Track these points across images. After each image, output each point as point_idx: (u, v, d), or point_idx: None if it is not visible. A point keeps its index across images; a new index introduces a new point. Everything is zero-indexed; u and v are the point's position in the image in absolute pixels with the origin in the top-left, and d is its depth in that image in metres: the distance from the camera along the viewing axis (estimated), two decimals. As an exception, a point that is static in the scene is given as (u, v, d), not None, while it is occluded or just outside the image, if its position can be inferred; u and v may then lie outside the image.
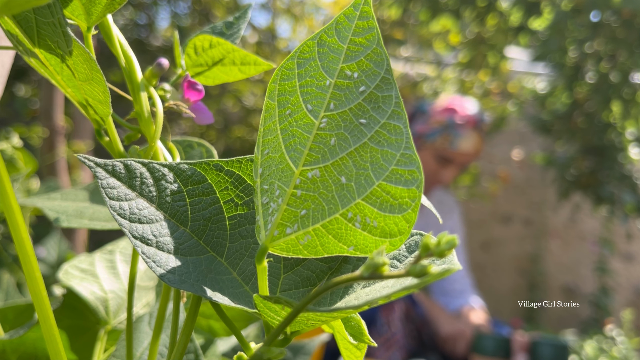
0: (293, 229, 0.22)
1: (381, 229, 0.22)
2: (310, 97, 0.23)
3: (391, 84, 0.22)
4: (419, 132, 1.38)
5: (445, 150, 1.34)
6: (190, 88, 0.30)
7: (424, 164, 1.37)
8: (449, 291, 1.45)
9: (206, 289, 0.23)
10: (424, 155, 1.37)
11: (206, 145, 0.33)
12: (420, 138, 1.37)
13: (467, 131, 1.34)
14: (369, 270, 0.19)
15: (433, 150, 1.35)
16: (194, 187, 0.25)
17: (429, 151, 1.36)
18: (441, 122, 1.35)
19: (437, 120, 1.36)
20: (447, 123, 1.34)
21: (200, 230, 0.25)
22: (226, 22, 0.35)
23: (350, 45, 0.23)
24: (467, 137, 1.34)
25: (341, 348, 0.27)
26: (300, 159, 0.23)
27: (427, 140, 1.36)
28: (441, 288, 1.47)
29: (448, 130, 1.34)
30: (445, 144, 1.34)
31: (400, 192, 0.22)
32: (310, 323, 0.23)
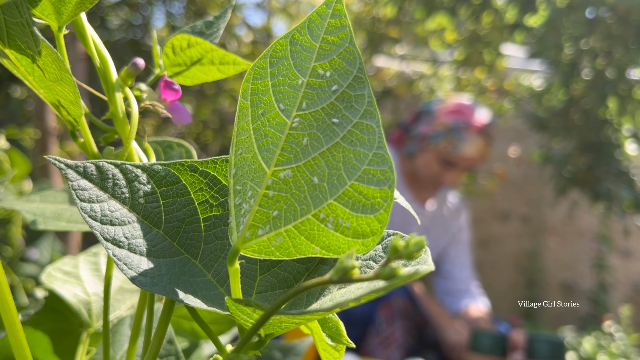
0: (265, 230, 0.22)
1: (353, 230, 0.21)
2: (282, 97, 0.23)
3: (364, 82, 0.22)
4: (423, 133, 1.35)
5: (449, 154, 1.31)
6: (166, 88, 0.30)
7: (428, 166, 1.35)
8: (453, 291, 1.44)
9: (179, 291, 0.23)
10: (428, 157, 1.35)
11: (186, 146, 0.33)
12: (424, 139, 1.35)
13: (472, 135, 1.30)
14: (338, 274, 0.19)
15: (436, 153, 1.32)
16: (168, 188, 0.25)
17: (432, 153, 1.33)
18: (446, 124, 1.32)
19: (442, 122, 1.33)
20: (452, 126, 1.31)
21: (174, 231, 0.25)
22: (206, 22, 0.34)
23: (323, 44, 0.23)
24: (471, 142, 1.30)
25: (319, 349, 0.27)
26: (272, 159, 0.22)
27: (430, 142, 1.33)
28: (446, 288, 1.45)
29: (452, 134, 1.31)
30: (448, 147, 1.30)
31: (372, 192, 0.21)
32: (284, 325, 0.23)
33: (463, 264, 1.47)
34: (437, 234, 1.47)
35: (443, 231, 1.48)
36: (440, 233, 1.47)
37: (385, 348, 1.22)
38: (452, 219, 1.49)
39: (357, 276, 0.19)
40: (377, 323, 1.22)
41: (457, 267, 1.45)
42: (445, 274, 1.47)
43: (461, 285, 1.43)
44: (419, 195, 1.45)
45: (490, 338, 1.20)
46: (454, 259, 1.46)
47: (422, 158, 1.36)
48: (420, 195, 1.46)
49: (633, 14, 1.88)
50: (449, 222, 1.48)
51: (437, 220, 1.47)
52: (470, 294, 1.42)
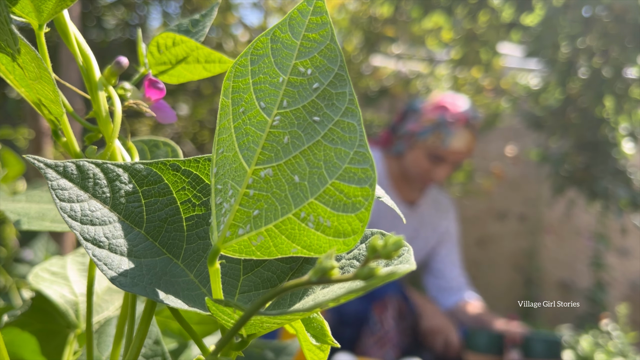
0: (245, 229, 0.22)
1: (335, 229, 0.21)
2: (263, 95, 0.23)
3: (345, 80, 0.22)
4: (410, 131, 1.37)
5: (438, 149, 1.33)
6: (151, 87, 0.29)
7: (417, 163, 1.36)
8: (446, 289, 1.45)
9: (159, 291, 0.23)
10: (417, 154, 1.36)
11: (172, 145, 0.33)
12: (412, 137, 1.37)
13: (458, 129, 1.33)
14: (317, 275, 0.19)
15: (425, 149, 1.34)
16: (150, 188, 0.25)
17: (421, 150, 1.35)
18: (432, 120, 1.34)
19: (429, 118, 1.35)
20: (439, 121, 1.33)
21: (155, 231, 0.25)
22: (192, 20, 0.34)
23: (304, 41, 0.22)
24: (458, 135, 1.33)
25: (304, 350, 0.27)
26: (253, 157, 0.22)
27: (419, 138, 1.35)
28: (438, 286, 1.46)
29: (439, 129, 1.33)
30: (437, 142, 1.33)
31: (353, 191, 0.21)
32: (265, 326, 0.22)
33: (453, 263, 1.49)
34: (426, 234, 1.48)
35: (432, 231, 1.49)
36: (429, 233, 1.48)
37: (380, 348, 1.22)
38: (440, 218, 1.50)
39: (336, 276, 0.19)
40: (372, 323, 1.22)
41: (448, 266, 1.47)
42: (436, 273, 1.48)
43: (453, 283, 1.45)
44: (407, 197, 1.46)
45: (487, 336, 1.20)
46: (444, 258, 1.48)
47: (411, 155, 1.38)
48: (408, 196, 1.47)
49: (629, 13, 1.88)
50: (437, 222, 1.49)
51: (426, 220, 1.48)
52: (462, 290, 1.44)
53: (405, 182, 1.45)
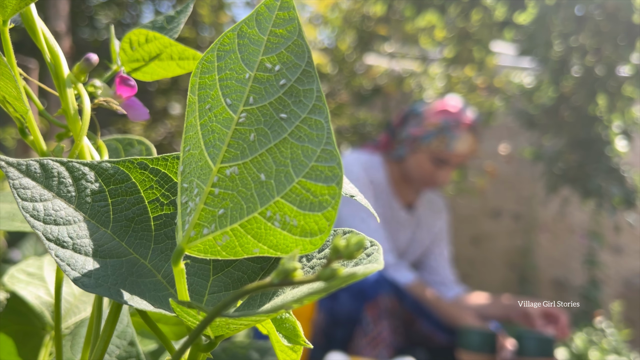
0: (210, 229, 0.21)
1: (301, 228, 0.21)
2: (229, 91, 0.22)
3: (312, 76, 0.21)
4: (413, 135, 1.37)
5: (442, 152, 1.33)
6: (122, 84, 0.29)
7: (421, 166, 1.37)
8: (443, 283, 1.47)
9: (124, 292, 0.22)
10: (420, 158, 1.37)
11: (146, 144, 0.32)
12: (414, 141, 1.37)
13: (462, 132, 1.34)
14: (279, 277, 0.18)
15: (429, 153, 1.35)
16: (117, 187, 0.24)
17: (424, 154, 1.36)
18: (435, 124, 1.35)
19: (432, 122, 1.35)
20: (442, 125, 1.34)
21: (122, 231, 0.24)
22: (167, 17, 0.34)
23: (271, 37, 0.22)
24: (462, 138, 1.33)
25: (276, 350, 0.26)
26: (218, 155, 0.22)
27: (422, 142, 1.36)
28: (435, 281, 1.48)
29: (443, 132, 1.33)
30: (441, 146, 1.33)
31: (320, 190, 0.21)
32: (232, 327, 0.22)
33: (446, 261, 1.51)
34: (422, 235, 1.49)
35: (427, 231, 1.50)
36: (424, 233, 1.50)
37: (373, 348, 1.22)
38: (435, 219, 1.51)
39: (298, 278, 0.18)
40: (365, 323, 1.22)
41: (441, 264, 1.49)
42: (431, 270, 1.49)
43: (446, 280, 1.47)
44: (405, 200, 1.47)
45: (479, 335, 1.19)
46: (437, 257, 1.50)
47: (414, 159, 1.39)
48: (406, 200, 1.47)
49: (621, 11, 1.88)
50: (432, 222, 1.51)
51: (422, 221, 1.49)
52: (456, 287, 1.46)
53: (404, 186, 1.46)
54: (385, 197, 1.42)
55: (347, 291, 1.22)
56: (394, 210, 1.44)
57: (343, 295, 1.22)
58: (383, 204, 1.42)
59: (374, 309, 1.22)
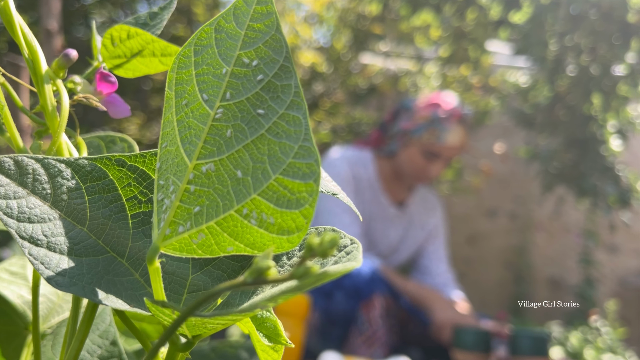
0: (186, 227, 0.21)
1: (278, 226, 0.21)
2: (206, 86, 0.22)
3: (290, 72, 0.21)
4: (404, 129, 1.37)
5: (433, 145, 1.33)
6: (102, 80, 0.28)
7: (412, 161, 1.36)
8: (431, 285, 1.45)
9: (99, 291, 0.22)
10: (411, 152, 1.36)
11: (129, 141, 0.32)
12: (405, 135, 1.37)
13: (452, 125, 1.33)
14: (253, 276, 0.18)
15: (420, 146, 1.35)
16: (94, 184, 0.24)
17: (415, 147, 1.35)
18: (426, 117, 1.35)
19: (422, 115, 1.35)
20: (432, 118, 1.34)
21: (99, 229, 0.24)
22: (150, 13, 0.33)
23: (248, 32, 0.22)
24: (453, 131, 1.33)
25: (258, 350, 0.26)
26: (194, 152, 0.21)
27: (413, 136, 1.35)
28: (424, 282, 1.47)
29: (434, 125, 1.33)
30: (432, 138, 1.33)
31: (297, 187, 0.20)
32: (209, 327, 0.22)
33: (440, 259, 1.49)
34: (415, 233, 1.48)
35: (420, 229, 1.49)
36: (418, 231, 1.49)
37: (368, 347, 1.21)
38: (428, 216, 1.50)
39: (272, 277, 0.18)
40: (360, 322, 1.22)
41: (434, 262, 1.48)
42: (423, 269, 1.48)
43: (438, 279, 1.45)
44: (397, 197, 1.46)
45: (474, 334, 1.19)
46: (430, 254, 1.49)
47: (406, 153, 1.38)
48: (398, 197, 1.47)
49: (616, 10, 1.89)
50: (425, 220, 1.50)
51: (415, 219, 1.49)
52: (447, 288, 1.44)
53: (395, 183, 1.45)
54: (374, 193, 1.42)
55: (343, 290, 1.22)
56: (383, 206, 1.43)
57: (338, 295, 1.22)
58: (370, 200, 1.42)
59: (369, 307, 1.22)
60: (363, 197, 1.41)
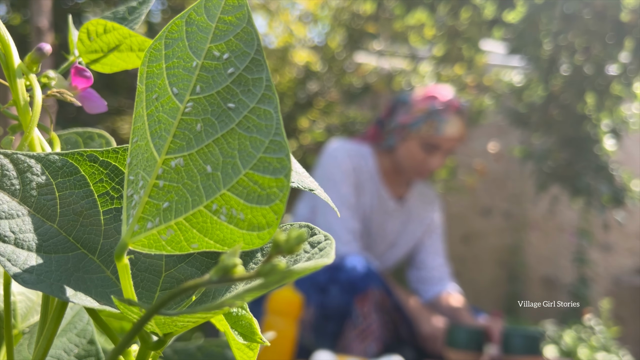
0: (154, 223, 0.21)
1: (248, 222, 0.20)
2: (176, 80, 0.21)
3: (262, 65, 0.21)
4: (402, 123, 1.36)
5: (432, 137, 1.33)
6: (77, 75, 0.28)
7: (412, 154, 1.36)
8: (426, 279, 1.45)
9: (67, 289, 0.21)
10: (410, 145, 1.36)
11: (106, 137, 0.31)
12: (404, 129, 1.36)
13: (450, 116, 1.33)
14: (219, 274, 0.17)
15: (419, 139, 1.34)
16: (65, 180, 0.24)
17: (414, 140, 1.35)
18: (423, 109, 1.34)
19: (419, 108, 1.35)
20: (430, 110, 1.33)
21: (70, 225, 0.23)
22: (129, 7, 0.33)
23: (219, 24, 0.21)
24: (451, 122, 1.33)
25: (233, 349, 0.26)
26: (164, 146, 0.21)
27: (411, 129, 1.35)
28: (418, 277, 1.46)
29: (432, 117, 1.33)
30: (430, 130, 1.33)
31: (268, 182, 0.20)
32: (180, 325, 0.21)
33: (436, 252, 1.48)
34: (413, 227, 1.48)
35: (419, 223, 1.49)
36: (416, 226, 1.48)
37: (362, 341, 1.21)
38: (426, 210, 1.50)
39: (238, 275, 0.17)
40: (354, 316, 1.21)
41: (430, 256, 1.47)
42: (419, 264, 1.48)
43: (434, 272, 1.45)
44: (396, 191, 1.46)
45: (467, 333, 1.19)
46: (427, 248, 1.48)
47: (404, 147, 1.38)
48: (397, 192, 1.46)
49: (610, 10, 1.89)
50: (423, 214, 1.49)
51: (413, 213, 1.48)
52: (443, 281, 1.44)
53: (395, 177, 1.44)
54: (374, 186, 1.41)
55: (338, 285, 1.21)
56: (383, 199, 1.42)
57: (333, 289, 1.21)
58: (371, 193, 1.41)
59: (364, 302, 1.21)
60: (364, 190, 1.40)
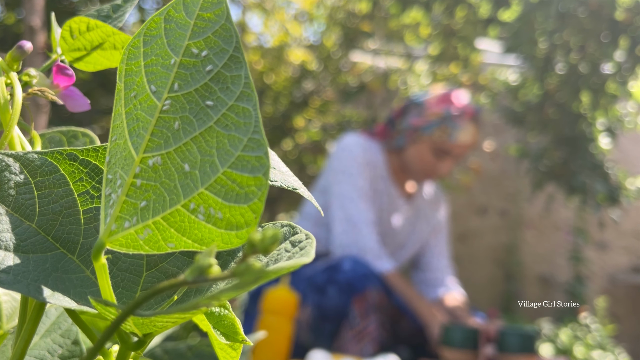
0: (132, 222, 0.21)
1: (227, 221, 0.20)
2: (154, 78, 0.21)
3: (240, 62, 0.21)
4: (414, 125, 1.34)
5: (444, 143, 1.31)
6: (59, 73, 0.28)
7: (421, 157, 1.34)
8: (430, 280, 1.44)
9: (45, 289, 0.21)
10: (421, 149, 1.34)
11: (91, 136, 0.31)
12: (416, 131, 1.34)
13: (465, 122, 1.31)
14: (194, 274, 0.17)
15: (430, 143, 1.32)
16: (44, 179, 0.23)
17: (425, 144, 1.33)
18: (438, 114, 1.32)
19: (434, 112, 1.32)
20: (445, 115, 1.31)
21: (49, 225, 0.23)
22: (113, 5, 0.32)
23: (198, 21, 0.21)
24: (465, 129, 1.31)
25: (216, 349, 0.25)
26: (141, 145, 0.21)
27: (423, 133, 1.32)
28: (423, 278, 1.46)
29: (446, 123, 1.31)
30: (443, 136, 1.30)
31: (246, 180, 0.20)
32: (159, 325, 0.21)
33: (441, 253, 1.47)
34: (421, 227, 1.47)
35: (426, 223, 1.48)
36: (423, 225, 1.47)
37: (358, 342, 1.21)
38: (433, 210, 1.49)
39: (213, 275, 0.17)
40: (352, 317, 1.21)
41: (435, 257, 1.46)
42: (424, 266, 1.47)
43: (438, 274, 1.44)
44: (404, 190, 1.45)
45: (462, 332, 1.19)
46: (433, 248, 1.47)
47: (414, 150, 1.35)
48: (405, 190, 1.45)
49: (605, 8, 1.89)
50: (431, 214, 1.48)
51: (421, 212, 1.47)
52: (447, 283, 1.43)
53: (403, 176, 1.43)
54: (384, 183, 1.40)
55: (336, 285, 1.21)
56: (392, 197, 1.41)
57: (331, 289, 1.21)
58: (381, 190, 1.39)
59: (361, 302, 1.21)
60: (377, 185, 1.38)
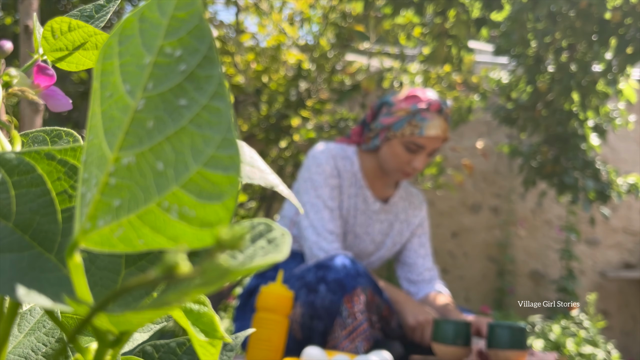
0: (106, 220, 0.21)
1: (200, 219, 0.20)
2: (129, 77, 0.21)
3: (214, 62, 0.21)
4: (386, 124, 1.38)
5: (414, 137, 1.34)
6: (40, 73, 0.28)
7: (395, 154, 1.37)
8: (416, 281, 1.46)
9: (19, 288, 0.21)
10: (393, 146, 1.37)
11: (75, 135, 0.31)
12: (388, 129, 1.37)
13: (432, 115, 1.35)
14: (162, 272, 0.17)
15: (402, 139, 1.36)
16: (21, 178, 0.23)
17: (397, 140, 1.36)
18: (406, 109, 1.36)
19: (402, 108, 1.36)
20: (412, 110, 1.35)
21: (26, 224, 0.23)
22: (96, 5, 0.33)
23: (172, 21, 0.21)
24: (434, 122, 1.35)
25: (195, 346, 0.26)
26: (116, 143, 0.21)
27: (394, 130, 1.36)
28: (409, 278, 1.47)
29: (414, 117, 1.35)
30: (414, 131, 1.34)
31: (219, 179, 0.20)
32: (135, 322, 0.21)
33: (425, 255, 1.50)
34: (400, 228, 1.49)
35: (406, 225, 1.50)
36: (403, 227, 1.49)
37: (351, 341, 1.21)
38: (413, 212, 1.51)
39: (180, 272, 0.18)
40: (344, 315, 1.22)
41: (420, 258, 1.49)
42: (407, 267, 1.49)
43: (425, 274, 1.46)
44: (381, 193, 1.47)
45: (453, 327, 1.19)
46: (417, 250, 1.49)
47: (388, 148, 1.39)
48: (382, 193, 1.47)
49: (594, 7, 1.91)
50: (410, 216, 1.51)
51: (400, 215, 1.49)
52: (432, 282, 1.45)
53: (380, 179, 1.46)
54: (358, 188, 1.43)
55: (326, 284, 1.22)
56: (368, 201, 1.44)
57: (322, 288, 1.22)
58: (355, 195, 1.42)
59: (353, 301, 1.22)
60: (348, 191, 1.41)
